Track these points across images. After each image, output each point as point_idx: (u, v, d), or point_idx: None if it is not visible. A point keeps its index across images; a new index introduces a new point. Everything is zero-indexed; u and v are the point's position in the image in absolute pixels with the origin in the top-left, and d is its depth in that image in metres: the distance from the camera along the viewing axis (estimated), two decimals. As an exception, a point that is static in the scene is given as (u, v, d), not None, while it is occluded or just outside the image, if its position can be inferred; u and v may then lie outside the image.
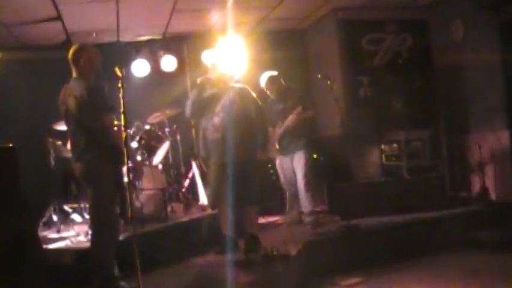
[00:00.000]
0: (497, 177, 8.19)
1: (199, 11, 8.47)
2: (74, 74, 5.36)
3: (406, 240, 7.01)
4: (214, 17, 8.82)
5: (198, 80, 6.49)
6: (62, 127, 7.50)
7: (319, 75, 7.72)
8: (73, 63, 5.36)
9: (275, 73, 7.85)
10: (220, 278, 5.46)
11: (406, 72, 9.43)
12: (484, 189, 8.32)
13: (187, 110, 6.61)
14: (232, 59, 8.07)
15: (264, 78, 7.82)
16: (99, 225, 5.32)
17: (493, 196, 8.26)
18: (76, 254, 6.01)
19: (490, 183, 8.30)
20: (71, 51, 5.38)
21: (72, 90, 5.21)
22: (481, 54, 8.37)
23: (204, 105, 6.46)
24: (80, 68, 5.33)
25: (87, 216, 7.46)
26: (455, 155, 8.94)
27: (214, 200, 6.52)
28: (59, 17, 7.88)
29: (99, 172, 5.19)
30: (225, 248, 6.17)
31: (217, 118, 6.31)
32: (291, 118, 7.43)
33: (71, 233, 7.07)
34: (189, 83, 9.68)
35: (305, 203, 7.57)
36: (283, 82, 7.84)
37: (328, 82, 7.41)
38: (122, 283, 5.23)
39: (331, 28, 9.52)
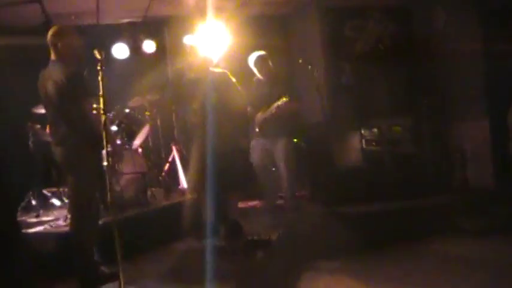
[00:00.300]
0: (478, 165, 8.22)
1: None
2: (53, 57, 5.28)
3: (387, 227, 7.01)
4: (195, 1, 8.73)
5: (178, 65, 6.47)
6: (42, 111, 7.44)
7: (300, 60, 7.68)
8: (52, 45, 5.27)
9: (264, 53, 7.73)
10: (201, 263, 5.44)
11: (388, 59, 9.42)
12: (465, 177, 8.37)
13: (167, 95, 6.61)
14: (213, 44, 8.02)
15: (253, 57, 7.66)
16: (79, 211, 5.27)
17: (473, 184, 8.30)
18: (55, 238, 5.98)
19: (470, 171, 8.35)
20: (50, 33, 5.30)
21: (51, 74, 5.14)
22: (462, 43, 8.36)
23: (184, 91, 6.44)
24: (59, 51, 5.25)
25: (66, 200, 7.44)
26: (436, 142, 8.97)
27: (195, 186, 6.49)
28: (38, -2, 7.78)
29: (79, 158, 5.14)
30: (206, 234, 6.15)
31: (196, 103, 6.29)
32: (276, 108, 7.35)
33: (50, 217, 7.02)
34: (169, 67, 9.61)
35: (287, 188, 7.56)
36: (271, 64, 7.73)
37: (309, 67, 7.38)
38: (102, 268, 5.20)
39: (313, 14, 9.48)
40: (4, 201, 4.90)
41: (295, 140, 8.27)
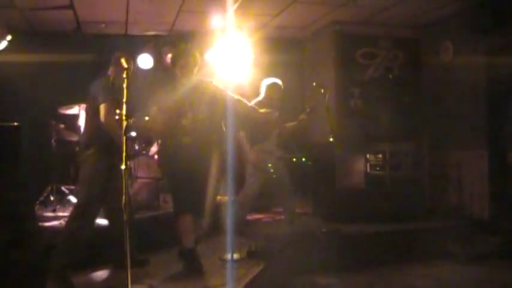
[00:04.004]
0: (474, 195, 8.18)
1: (204, 13, 8.41)
2: (110, 72, 5.53)
3: (384, 248, 7.00)
4: (218, 20, 8.77)
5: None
6: (66, 111, 7.49)
7: (314, 84, 7.64)
8: (113, 65, 5.49)
9: (281, 83, 7.57)
10: (206, 267, 5.42)
11: (395, 87, 9.43)
12: (460, 205, 8.34)
13: None
14: (232, 61, 8.01)
15: (269, 81, 7.53)
16: (76, 209, 5.36)
17: (468, 212, 8.26)
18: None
19: (466, 199, 8.31)
20: (121, 57, 5.28)
21: (98, 87, 5.31)
22: (467, 76, 8.37)
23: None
24: (115, 72, 5.45)
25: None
26: (436, 170, 8.95)
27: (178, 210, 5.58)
28: (71, 6, 7.81)
29: (92, 164, 5.27)
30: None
31: (186, 119, 5.44)
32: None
33: (66, 213, 7.01)
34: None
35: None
36: (280, 94, 7.57)
37: (322, 91, 7.35)
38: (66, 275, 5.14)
39: (328, 39, 9.49)
40: (24, 194, 4.88)
41: (303, 159, 8.28)
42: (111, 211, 5.46)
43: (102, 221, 5.92)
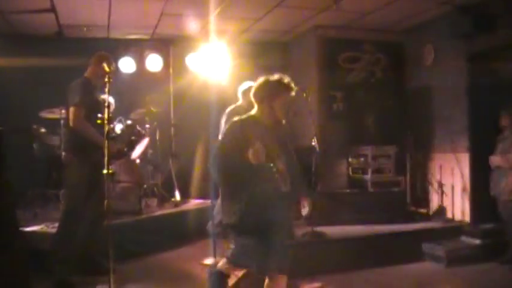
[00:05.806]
0: (455, 197, 8.26)
1: (186, 17, 8.43)
2: (87, 74, 5.48)
3: (367, 250, 7.05)
4: (200, 24, 8.79)
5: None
6: (48, 115, 7.46)
7: (296, 88, 7.67)
8: (95, 64, 5.47)
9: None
10: (187, 272, 5.42)
11: (378, 91, 9.50)
12: (442, 207, 8.42)
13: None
14: (214, 65, 8.00)
15: (245, 86, 7.55)
16: (65, 216, 5.36)
17: (449, 214, 8.34)
18: (49, 238, 5.95)
19: (447, 201, 8.38)
20: (103, 55, 5.48)
21: (77, 88, 5.31)
22: (448, 80, 8.45)
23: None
24: (94, 72, 5.44)
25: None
26: (418, 173, 9.02)
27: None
28: (53, 9, 7.79)
29: (74, 164, 5.20)
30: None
31: (280, 164, 4.50)
32: None
33: (48, 218, 6.99)
34: (171, 83, 9.68)
35: None
36: None
37: (304, 95, 7.38)
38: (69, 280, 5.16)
39: (310, 43, 9.53)
40: (5, 198, 4.87)
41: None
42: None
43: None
